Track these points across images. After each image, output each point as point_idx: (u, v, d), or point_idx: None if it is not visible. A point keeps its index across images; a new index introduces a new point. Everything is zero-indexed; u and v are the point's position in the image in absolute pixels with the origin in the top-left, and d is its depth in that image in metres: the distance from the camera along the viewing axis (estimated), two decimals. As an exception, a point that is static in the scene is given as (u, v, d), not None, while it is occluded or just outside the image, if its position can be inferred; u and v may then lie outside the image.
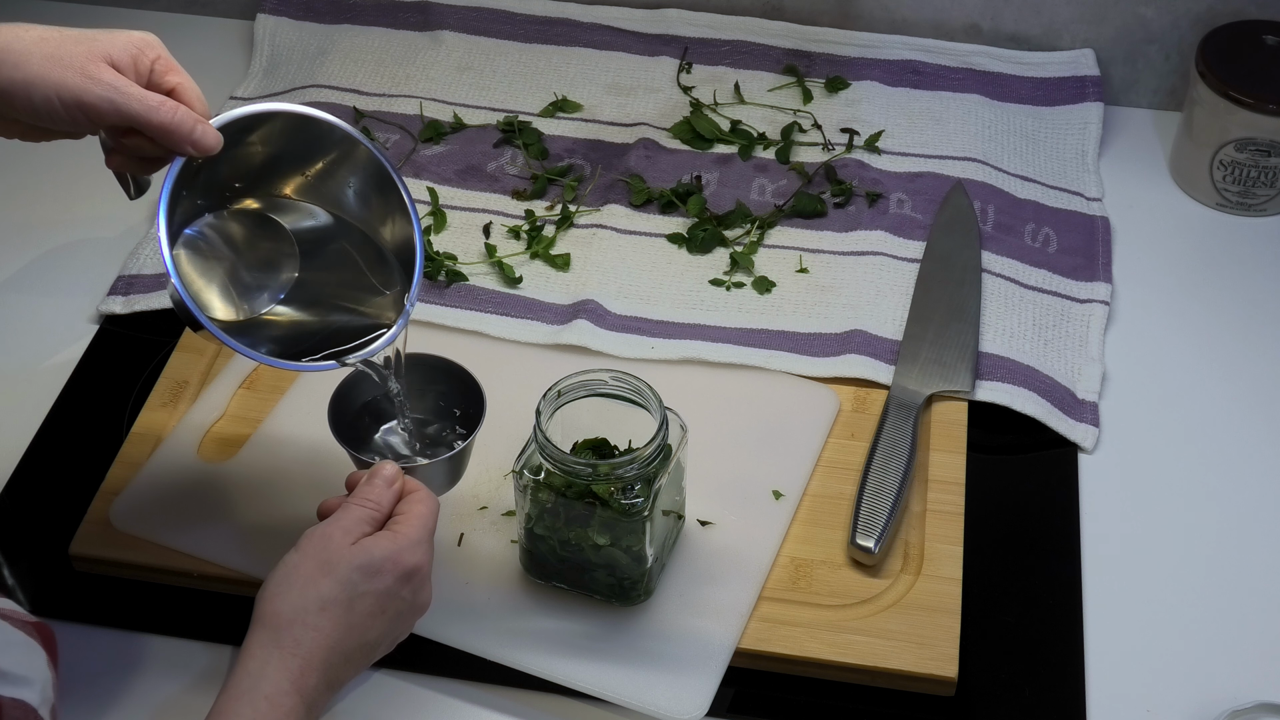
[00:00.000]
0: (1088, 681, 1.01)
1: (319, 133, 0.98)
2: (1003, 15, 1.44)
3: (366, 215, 1.01)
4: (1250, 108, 1.28)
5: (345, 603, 0.89)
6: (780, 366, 1.18)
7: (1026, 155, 1.37)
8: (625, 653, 1.00)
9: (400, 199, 0.99)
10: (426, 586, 0.93)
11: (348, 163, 0.99)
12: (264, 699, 0.85)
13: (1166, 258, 1.31)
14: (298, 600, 0.88)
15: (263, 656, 0.87)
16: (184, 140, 0.90)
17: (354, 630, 0.89)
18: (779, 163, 1.35)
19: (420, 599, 0.93)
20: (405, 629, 0.94)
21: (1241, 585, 1.07)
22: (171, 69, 0.94)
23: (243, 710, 0.85)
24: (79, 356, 1.21)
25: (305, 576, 0.89)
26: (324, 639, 0.88)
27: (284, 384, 1.17)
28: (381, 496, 0.94)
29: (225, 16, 1.55)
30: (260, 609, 0.89)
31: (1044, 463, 1.14)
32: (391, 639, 0.93)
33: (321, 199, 1.01)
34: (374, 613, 0.90)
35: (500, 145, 1.37)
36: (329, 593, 0.88)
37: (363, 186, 1.00)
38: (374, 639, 0.91)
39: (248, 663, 0.87)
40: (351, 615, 0.89)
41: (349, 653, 0.89)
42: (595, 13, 1.50)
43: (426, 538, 0.93)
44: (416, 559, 0.91)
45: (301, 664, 0.87)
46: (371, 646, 0.91)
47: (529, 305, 1.23)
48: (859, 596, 1.03)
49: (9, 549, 1.08)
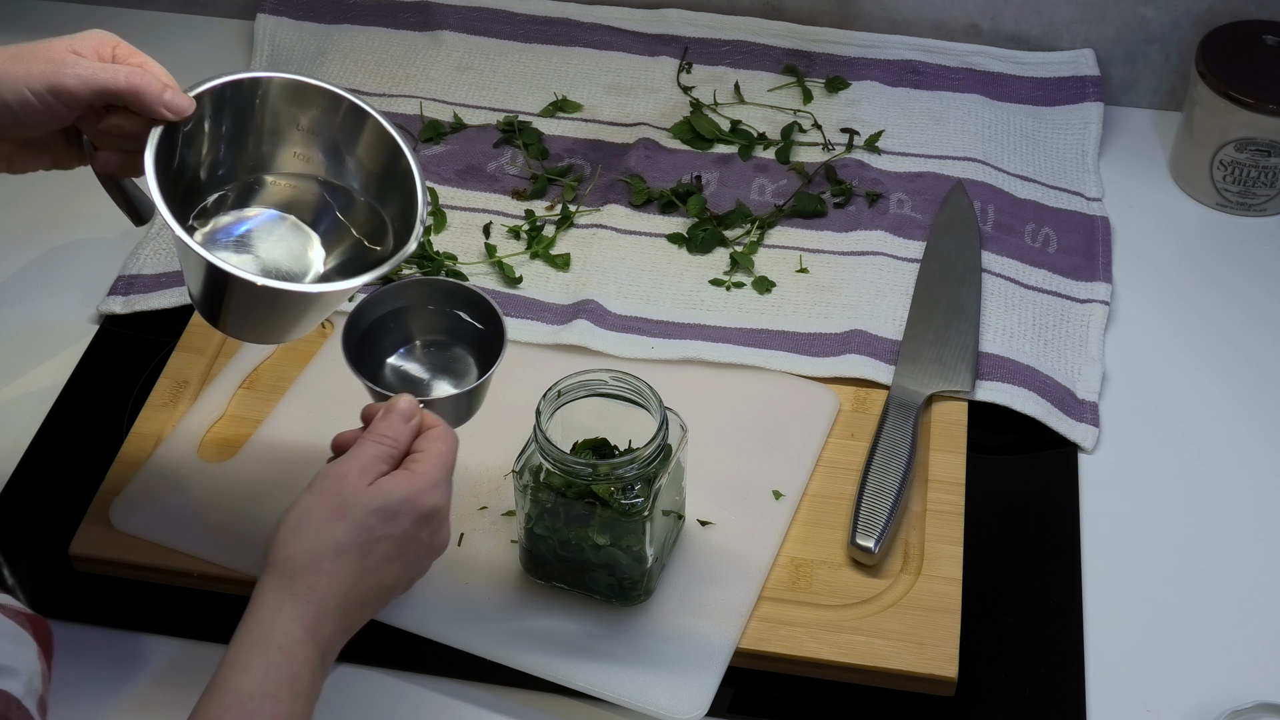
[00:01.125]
0: (1088, 681, 1.01)
1: (299, 98, 0.98)
2: (1003, 15, 1.44)
3: (365, 177, 1.00)
4: (1250, 108, 1.28)
5: (361, 547, 0.86)
6: (780, 366, 1.18)
7: (1026, 155, 1.37)
8: (625, 653, 1.00)
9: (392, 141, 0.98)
10: (445, 527, 0.90)
11: (334, 122, 0.99)
12: (277, 648, 0.82)
13: (1166, 258, 1.31)
14: (312, 545, 0.85)
15: (275, 604, 0.84)
16: (156, 101, 0.92)
17: (370, 575, 0.86)
18: (779, 163, 1.35)
19: (438, 540, 0.90)
20: (422, 570, 0.91)
21: (1241, 585, 1.07)
22: (134, 53, 0.95)
23: (255, 661, 0.82)
24: (79, 356, 1.21)
25: (320, 520, 0.86)
26: (339, 585, 0.85)
27: (284, 384, 1.17)
28: (399, 433, 0.90)
29: (225, 16, 1.55)
30: (273, 553, 0.86)
31: (1044, 463, 1.14)
32: (408, 581, 0.90)
33: (314, 166, 1.01)
34: (390, 556, 0.87)
35: (500, 145, 1.37)
36: (344, 537, 0.85)
37: (353, 144, 0.99)
38: (390, 582, 0.88)
39: (260, 610, 0.84)
40: (367, 560, 0.86)
41: (365, 597, 0.87)
42: (595, 13, 1.50)
43: (445, 477, 0.90)
44: (435, 500, 0.88)
45: (316, 611, 0.84)
46: (388, 590, 0.88)
47: (529, 305, 1.23)
48: (859, 596, 1.03)
49: (9, 549, 1.08)
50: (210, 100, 0.95)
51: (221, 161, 0.99)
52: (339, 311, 1.06)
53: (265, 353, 1.19)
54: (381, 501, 0.87)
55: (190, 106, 0.93)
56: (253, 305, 0.95)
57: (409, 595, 1.02)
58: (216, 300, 0.96)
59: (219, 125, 0.97)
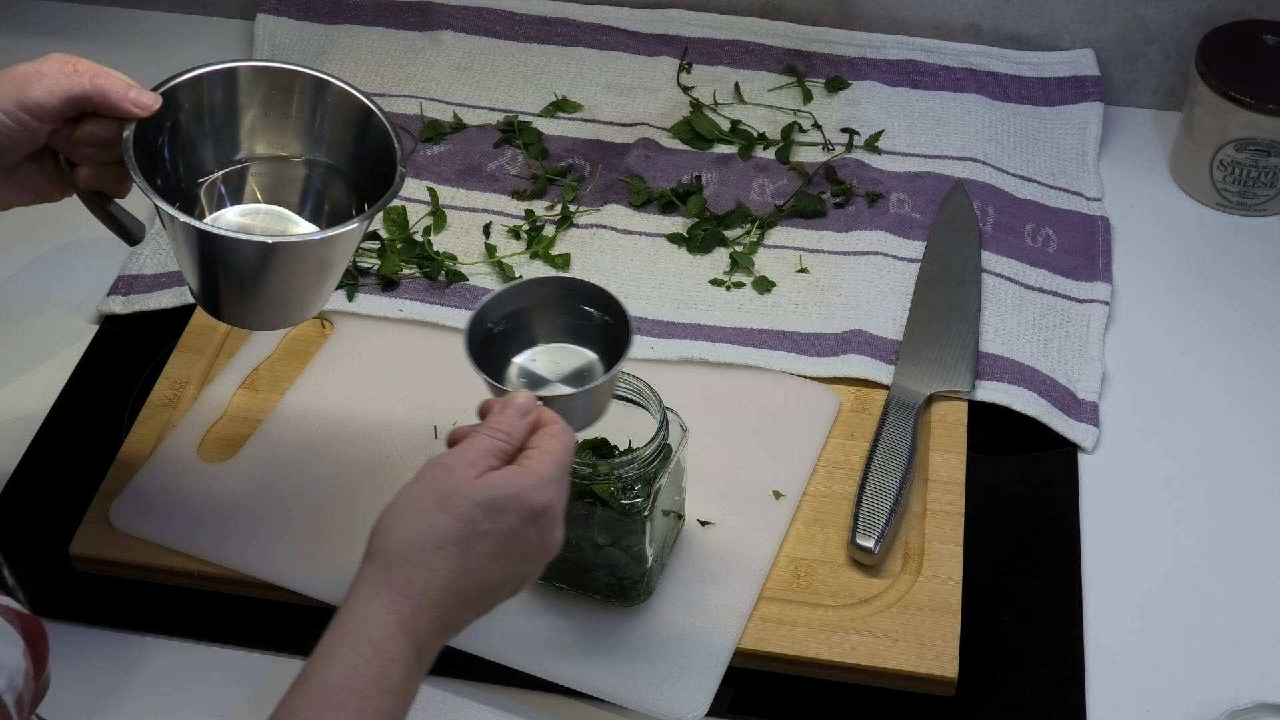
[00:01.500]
0: (1088, 681, 1.01)
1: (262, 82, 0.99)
2: (1003, 15, 1.44)
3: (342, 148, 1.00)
4: (1250, 108, 1.28)
5: (464, 541, 0.81)
6: (780, 366, 1.18)
7: (1026, 155, 1.37)
8: (625, 653, 1.00)
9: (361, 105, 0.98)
10: (556, 528, 0.85)
11: (301, 100, 1.00)
12: (368, 642, 0.79)
13: (1166, 258, 1.31)
14: (413, 536, 0.81)
15: (370, 595, 0.80)
16: (122, 99, 0.93)
17: (472, 572, 0.82)
18: (779, 163, 1.35)
19: (549, 540, 0.85)
20: (531, 573, 0.86)
21: (1241, 585, 1.07)
22: (93, 64, 0.95)
23: (344, 654, 0.79)
24: (79, 356, 1.21)
25: (422, 510, 0.82)
26: (439, 579, 0.81)
27: (284, 384, 1.17)
28: (513, 427, 0.86)
29: (225, 16, 1.55)
30: (372, 543, 0.82)
31: (1044, 463, 1.14)
32: (515, 582, 0.85)
33: (290, 147, 1.01)
34: (495, 554, 0.82)
35: (500, 145, 1.37)
36: (447, 530, 0.81)
37: (323, 117, 1.00)
38: (495, 582, 0.83)
39: (354, 601, 0.80)
40: (470, 555, 0.82)
41: (466, 596, 0.82)
42: (595, 13, 1.50)
43: (558, 475, 0.85)
44: (545, 498, 0.83)
45: (413, 605, 0.80)
46: (492, 590, 0.84)
47: (529, 305, 1.23)
48: (859, 596, 1.03)
49: (9, 549, 1.08)
50: (178, 96, 0.96)
51: (197, 156, 0.99)
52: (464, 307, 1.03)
53: (265, 353, 1.19)
54: (488, 495, 0.82)
55: (156, 101, 0.94)
56: (244, 277, 0.94)
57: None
58: (211, 281, 0.95)
59: (189, 121, 0.98)
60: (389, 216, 1.28)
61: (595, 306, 0.96)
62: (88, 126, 0.94)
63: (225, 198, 1.01)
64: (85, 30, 1.54)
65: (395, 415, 1.14)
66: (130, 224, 1.01)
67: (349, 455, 1.11)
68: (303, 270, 0.95)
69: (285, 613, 1.04)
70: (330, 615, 1.02)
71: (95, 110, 0.94)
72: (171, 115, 0.96)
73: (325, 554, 1.04)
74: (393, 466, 1.10)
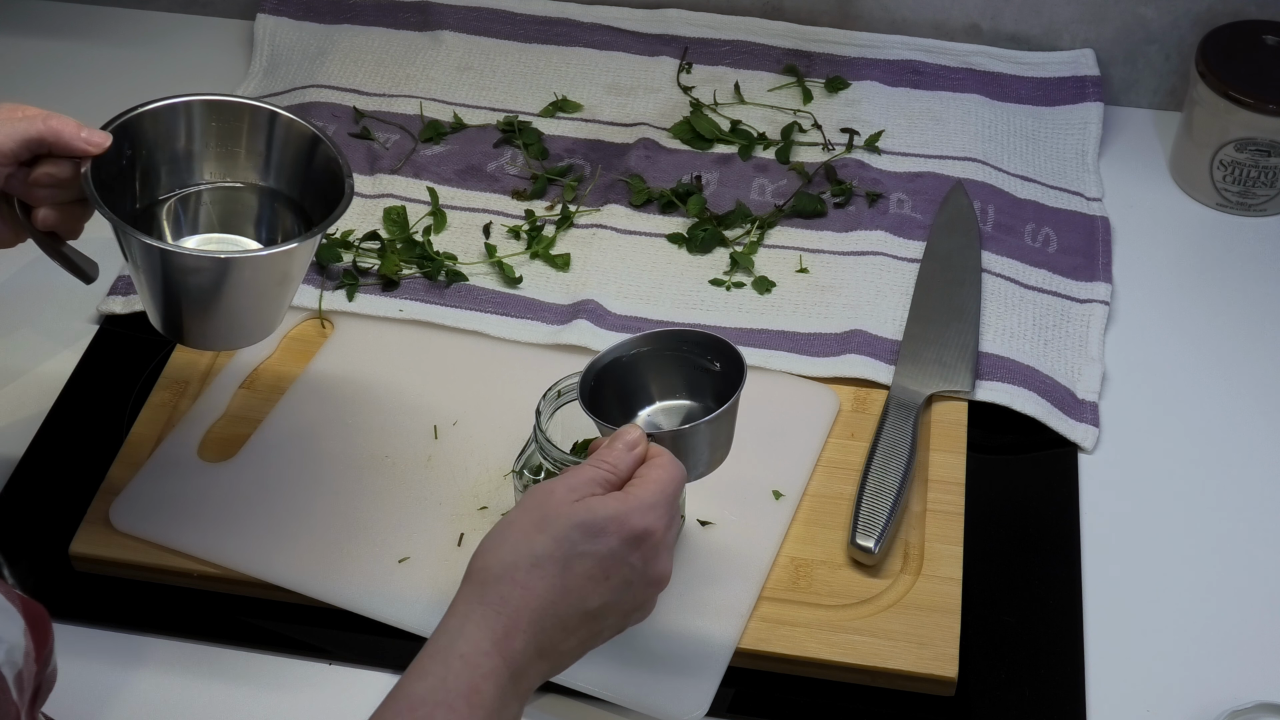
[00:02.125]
0: (1088, 681, 1.01)
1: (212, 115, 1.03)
2: (1003, 15, 1.44)
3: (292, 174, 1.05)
4: (1250, 108, 1.28)
5: (561, 560, 0.81)
6: (780, 366, 1.18)
7: (1026, 155, 1.37)
8: (625, 653, 0.99)
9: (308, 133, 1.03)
10: (663, 557, 0.85)
11: (252, 130, 1.04)
12: (459, 657, 0.79)
13: (1166, 258, 1.31)
14: (509, 555, 0.82)
15: (464, 612, 0.81)
16: (74, 138, 0.96)
17: (569, 594, 0.82)
18: (779, 163, 1.35)
19: (654, 570, 0.85)
20: (637, 603, 0.85)
21: (1241, 585, 1.07)
22: (41, 110, 0.98)
23: (434, 668, 0.79)
24: (79, 356, 1.21)
25: (520, 532, 0.82)
26: (534, 599, 0.81)
27: (284, 384, 1.17)
28: (619, 460, 0.86)
29: (225, 16, 1.55)
30: (471, 564, 0.83)
31: (1044, 463, 1.14)
32: (620, 612, 0.85)
33: (241, 175, 1.05)
34: (594, 576, 0.82)
35: (500, 145, 1.37)
36: (543, 549, 0.81)
37: (273, 145, 1.04)
38: (595, 607, 0.83)
39: (449, 619, 0.81)
40: (567, 576, 0.82)
41: (564, 618, 0.82)
42: (595, 13, 1.50)
43: (663, 502, 0.85)
44: (647, 522, 0.83)
45: (506, 624, 0.80)
46: (592, 616, 0.83)
47: (529, 305, 1.23)
48: (859, 596, 1.03)
49: (9, 549, 1.08)
50: (130, 131, 1.00)
51: (150, 189, 1.03)
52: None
53: (265, 353, 1.19)
54: (586, 516, 0.82)
55: (107, 139, 0.97)
56: (204, 296, 0.97)
57: (407, 594, 1.02)
58: (173, 302, 0.98)
59: (143, 155, 1.02)
60: (389, 217, 1.28)
61: (712, 355, 0.96)
62: (44, 168, 0.97)
63: (182, 227, 1.05)
64: (85, 30, 1.54)
65: (395, 415, 1.14)
66: (84, 264, 1.05)
67: (349, 455, 1.11)
68: (261, 286, 0.98)
69: (285, 613, 1.04)
70: (330, 615, 1.02)
71: (50, 151, 0.96)
72: (125, 151, 1.00)
73: (325, 554, 1.04)
74: (393, 466, 1.10)
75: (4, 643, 0.75)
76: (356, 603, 1.02)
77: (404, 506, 1.08)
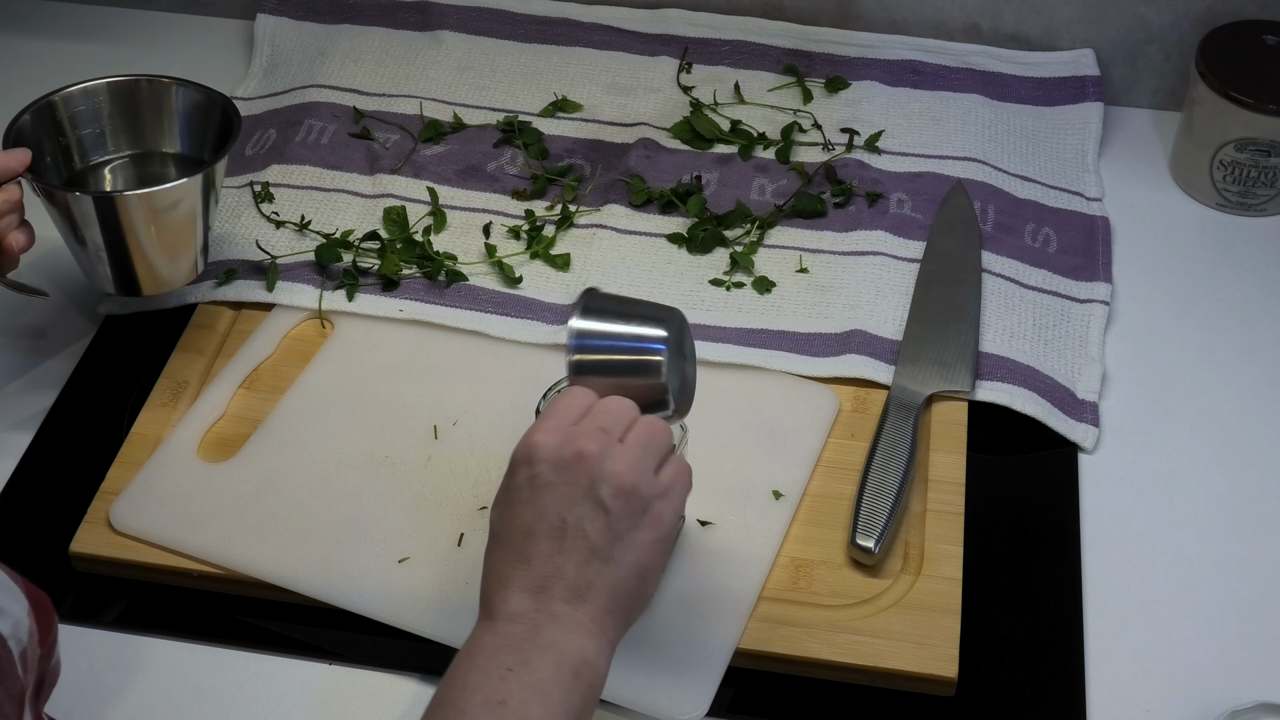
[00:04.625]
0: (1088, 681, 1.01)
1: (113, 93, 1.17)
2: (1003, 15, 1.44)
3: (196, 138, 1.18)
4: (1250, 108, 1.28)
5: (501, 509, 0.87)
6: (780, 366, 1.18)
7: (1026, 155, 1.37)
8: (625, 653, 0.99)
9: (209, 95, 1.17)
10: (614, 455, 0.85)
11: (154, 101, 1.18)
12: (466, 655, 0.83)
13: (1166, 258, 1.31)
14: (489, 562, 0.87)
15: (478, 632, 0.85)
16: (6, 169, 1.07)
17: (515, 533, 0.85)
18: (779, 163, 1.35)
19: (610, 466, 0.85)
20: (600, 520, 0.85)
21: (1241, 585, 1.07)
22: None
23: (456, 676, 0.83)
24: (79, 357, 1.21)
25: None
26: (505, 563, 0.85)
27: (284, 384, 1.17)
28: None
29: (225, 16, 1.55)
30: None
31: (1044, 463, 1.14)
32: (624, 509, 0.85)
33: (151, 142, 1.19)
34: (524, 500, 0.85)
35: (500, 145, 1.37)
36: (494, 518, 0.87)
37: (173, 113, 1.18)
38: (552, 525, 0.84)
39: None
40: (511, 519, 0.86)
41: (525, 550, 0.84)
42: (595, 13, 1.50)
43: (551, 414, 0.87)
44: (534, 439, 0.86)
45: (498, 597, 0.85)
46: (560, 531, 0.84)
47: (529, 305, 1.23)
48: (859, 596, 1.03)
49: (9, 549, 1.08)
50: (39, 122, 1.14)
51: (71, 167, 1.17)
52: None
53: (265, 353, 1.19)
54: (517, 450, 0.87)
55: (27, 156, 1.08)
56: (121, 235, 1.10)
57: (407, 594, 1.02)
58: (96, 250, 1.11)
59: (54, 140, 1.15)
60: (389, 217, 1.28)
61: None
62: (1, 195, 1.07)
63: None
64: (85, 30, 1.54)
65: (395, 415, 1.14)
66: (31, 285, 1.15)
67: (349, 455, 1.11)
68: (170, 218, 1.11)
69: (285, 613, 1.04)
70: (330, 615, 1.02)
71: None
72: (38, 141, 1.13)
73: (325, 554, 1.04)
74: (393, 466, 1.10)
75: (9, 616, 0.75)
76: (356, 603, 1.02)
77: (404, 506, 1.08)
